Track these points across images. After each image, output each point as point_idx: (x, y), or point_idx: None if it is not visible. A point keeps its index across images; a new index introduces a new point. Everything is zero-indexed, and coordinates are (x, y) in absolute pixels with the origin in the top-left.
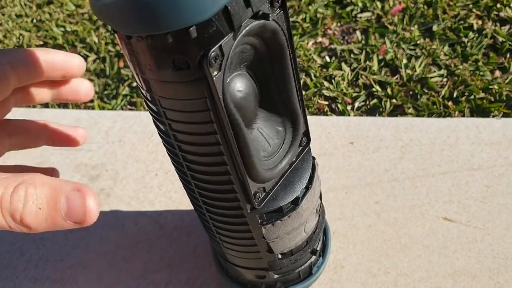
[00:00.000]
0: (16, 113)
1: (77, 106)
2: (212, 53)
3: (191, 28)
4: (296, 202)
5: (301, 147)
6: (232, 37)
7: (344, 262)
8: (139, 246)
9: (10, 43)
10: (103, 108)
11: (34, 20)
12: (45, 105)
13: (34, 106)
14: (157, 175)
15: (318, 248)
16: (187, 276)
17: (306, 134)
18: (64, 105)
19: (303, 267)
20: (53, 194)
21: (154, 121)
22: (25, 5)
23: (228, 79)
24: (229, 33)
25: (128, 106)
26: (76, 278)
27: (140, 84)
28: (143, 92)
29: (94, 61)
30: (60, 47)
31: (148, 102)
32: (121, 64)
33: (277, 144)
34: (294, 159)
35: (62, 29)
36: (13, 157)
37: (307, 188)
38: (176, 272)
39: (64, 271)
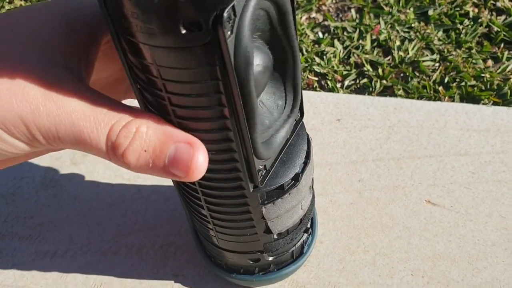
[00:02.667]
0: None
1: None
2: (226, 13)
3: None
4: (296, 178)
5: (295, 122)
6: None
7: (323, 237)
8: (113, 208)
9: None
10: None
11: None
12: None
13: None
14: None
15: (309, 226)
16: (162, 241)
17: (301, 108)
18: None
19: (296, 246)
20: (164, 139)
21: (143, 95)
22: None
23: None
24: None
25: None
26: (46, 236)
27: (130, 53)
28: (134, 62)
29: None
30: None
31: (138, 74)
32: None
33: (275, 118)
34: (290, 135)
35: None
36: None
37: (305, 163)
38: (150, 237)
39: (33, 228)
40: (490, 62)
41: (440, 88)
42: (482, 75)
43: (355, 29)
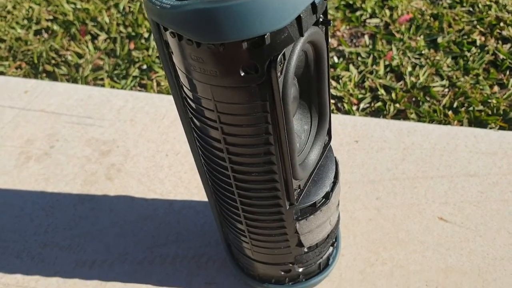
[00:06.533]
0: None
1: (86, 82)
2: (279, 58)
3: (266, 35)
4: (327, 196)
5: (324, 145)
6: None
7: (344, 250)
8: (147, 221)
9: (20, 14)
10: (113, 87)
11: None
12: (55, 79)
13: (43, 79)
14: (167, 156)
15: (334, 240)
16: (194, 252)
17: (329, 132)
18: (73, 80)
19: (323, 258)
20: None
21: (196, 125)
22: None
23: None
24: (298, 38)
25: (138, 88)
26: (84, 246)
27: (190, 90)
28: (193, 97)
29: (105, 40)
30: (70, 23)
31: (195, 108)
32: (132, 46)
33: (303, 141)
34: (319, 157)
35: (73, 5)
36: (22, 127)
37: (334, 183)
38: (183, 248)
39: (72, 239)
40: (496, 88)
41: (450, 113)
42: (489, 100)
43: (368, 54)
